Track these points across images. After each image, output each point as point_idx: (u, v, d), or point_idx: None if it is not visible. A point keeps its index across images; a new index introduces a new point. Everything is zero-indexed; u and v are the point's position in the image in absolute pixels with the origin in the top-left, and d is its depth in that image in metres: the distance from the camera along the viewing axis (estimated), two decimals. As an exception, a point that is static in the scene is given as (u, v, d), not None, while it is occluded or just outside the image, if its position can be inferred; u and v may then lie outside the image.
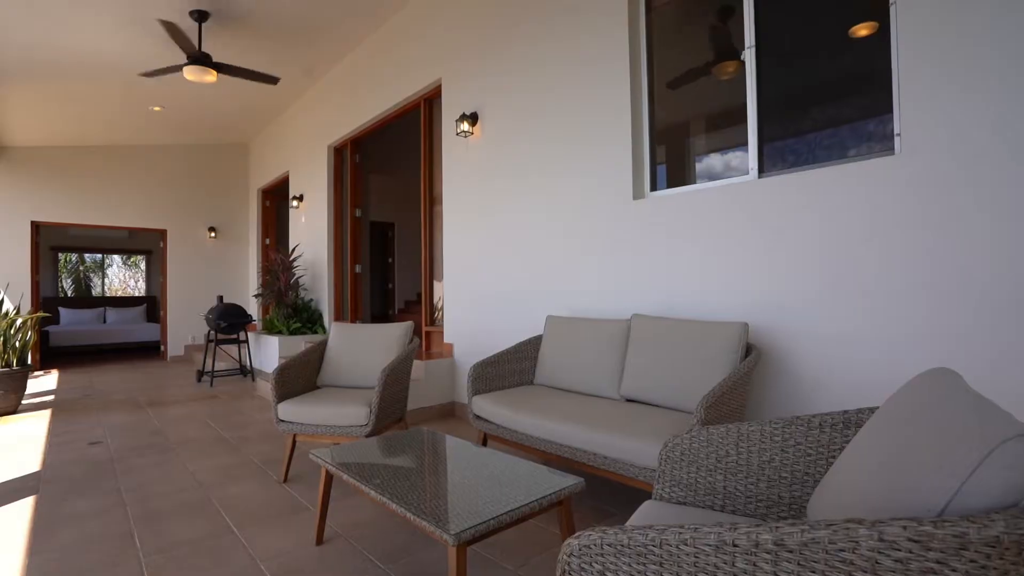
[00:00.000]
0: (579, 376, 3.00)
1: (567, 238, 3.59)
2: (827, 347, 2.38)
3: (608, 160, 3.33)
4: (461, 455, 2.10)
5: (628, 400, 2.79)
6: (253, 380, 6.34)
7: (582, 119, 3.49)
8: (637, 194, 3.22)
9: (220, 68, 4.67)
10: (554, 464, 2.98)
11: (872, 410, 1.26)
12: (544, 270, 3.75)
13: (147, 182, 8.74)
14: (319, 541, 2.23)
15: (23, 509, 2.66)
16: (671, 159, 3.32)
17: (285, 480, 2.94)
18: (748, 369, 2.23)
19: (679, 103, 3.33)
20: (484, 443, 2.96)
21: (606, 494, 2.71)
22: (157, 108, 6.95)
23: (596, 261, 3.40)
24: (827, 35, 2.61)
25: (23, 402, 5.51)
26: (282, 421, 2.91)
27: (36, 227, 7.92)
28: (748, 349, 2.44)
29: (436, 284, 5.20)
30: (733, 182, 2.82)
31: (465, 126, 4.28)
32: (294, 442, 2.94)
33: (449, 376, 4.47)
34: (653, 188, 3.25)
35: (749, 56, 2.79)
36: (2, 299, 5.41)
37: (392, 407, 3.00)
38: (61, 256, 12.01)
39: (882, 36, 2.36)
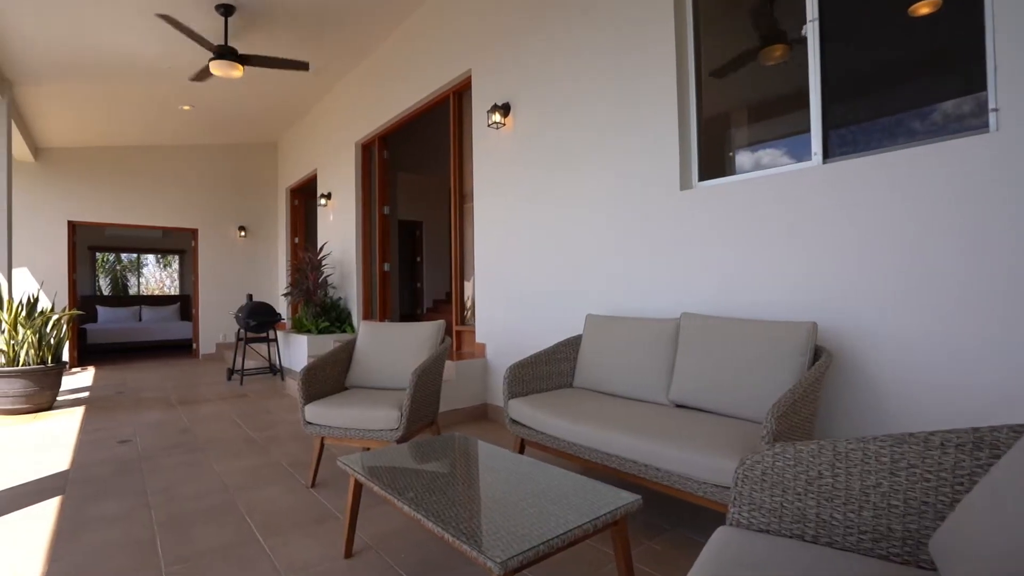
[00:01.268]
0: (623, 379, 2.80)
1: (607, 232, 3.39)
2: (910, 351, 2.12)
3: (653, 148, 3.11)
4: (501, 465, 1.93)
5: (677, 405, 2.58)
6: (282, 379, 6.30)
7: (624, 106, 3.28)
8: (684, 184, 3.00)
9: (247, 60, 4.60)
10: (597, 474, 2.79)
11: (1016, 429, 1.04)
12: (582, 266, 3.56)
13: (179, 182, 8.84)
14: (348, 554, 2.08)
15: (48, 511, 2.59)
16: (712, 150, 3.08)
17: (313, 485, 2.82)
18: (820, 374, 2.00)
19: (720, 92, 3.09)
20: (521, 449, 2.78)
21: (656, 506, 2.50)
22: (186, 107, 6.99)
23: (639, 256, 3.19)
24: (896, 6, 2.35)
25: (58, 399, 5.57)
26: (309, 423, 2.78)
27: (72, 227, 8.07)
28: (816, 352, 2.21)
29: (466, 283, 5.05)
30: (793, 169, 2.58)
31: (497, 117, 4.11)
32: (322, 445, 2.81)
33: (481, 377, 4.31)
34: (702, 178, 3.02)
35: (812, 30, 2.55)
36: (38, 297, 5.47)
37: (424, 410, 2.84)
38: (99, 256, 12.31)
39: (960, 4, 2.10)
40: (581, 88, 3.55)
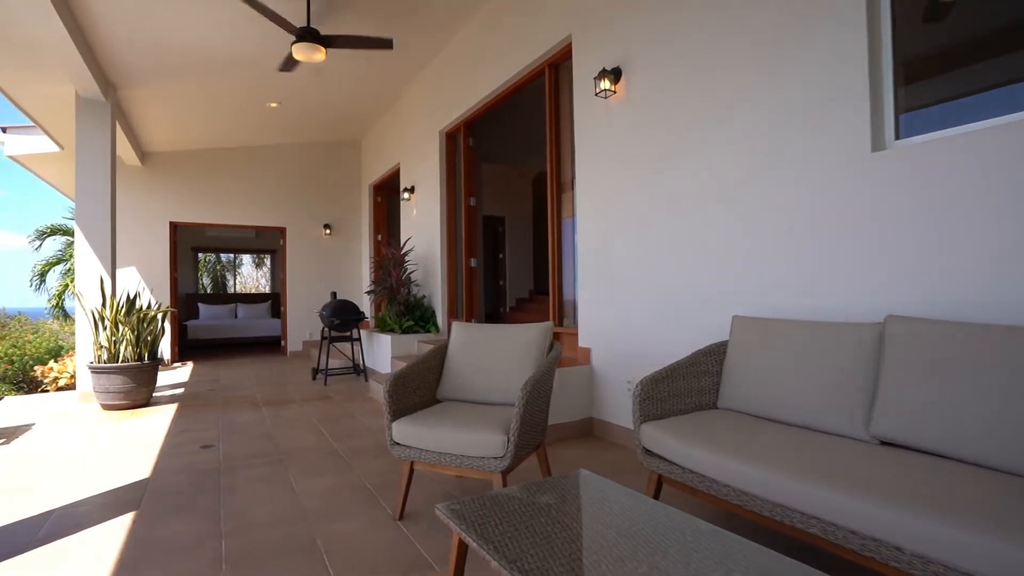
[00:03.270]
0: (795, 402, 2.11)
1: (759, 212, 2.69)
2: None
3: (827, 99, 2.38)
4: (669, 534, 1.34)
5: (883, 443, 1.87)
6: (366, 380, 6.06)
7: (783, 47, 2.56)
8: (877, 144, 2.25)
9: (330, 42, 4.29)
10: (765, 532, 2.09)
11: None
12: (721, 255, 2.88)
13: (268, 182, 8.97)
14: (449, 628, 1.58)
15: (119, 529, 2.32)
16: (908, 100, 2.30)
17: (400, 517, 2.36)
18: None
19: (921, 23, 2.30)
20: (658, 489, 2.17)
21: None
22: (274, 104, 6.95)
23: (807, 242, 2.47)
24: None
25: (156, 394, 5.63)
26: (397, 444, 2.33)
27: (174, 227, 8.37)
28: None
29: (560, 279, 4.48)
30: (1071, 108, 1.78)
31: (605, 84, 3.51)
32: (411, 470, 2.35)
33: (586, 387, 3.72)
34: (899, 135, 2.26)
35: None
36: (137, 295, 5.53)
37: (532, 431, 2.31)
38: (201, 256, 12.98)
39: None
40: (718, 31, 2.87)
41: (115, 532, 2.30)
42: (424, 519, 2.35)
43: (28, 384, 8.12)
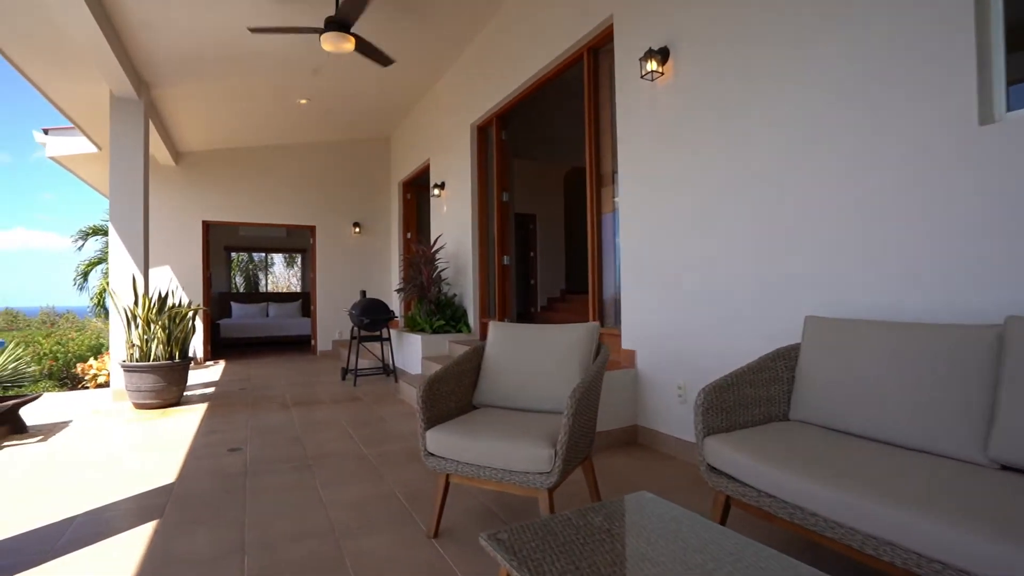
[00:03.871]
0: (886, 416, 1.82)
1: (834, 195, 2.40)
2: None
3: (924, 60, 2.08)
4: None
5: (1004, 467, 1.57)
6: (396, 381, 5.91)
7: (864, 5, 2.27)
8: (985, 117, 1.94)
9: (358, 41, 4.15)
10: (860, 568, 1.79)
11: None
12: (787, 248, 2.59)
13: (298, 181, 8.94)
14: (493, 675, 1.37)
15: (140, 540, 2.18)
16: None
17: (435, 534, 2.16)
18: None
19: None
20: (725, 511, 1.91)
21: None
22: (303, 101, 6.87)
23: (900, 228, 2.17)
24: None
25: (187, 393, 5.60)
26: (432, 455, 2.13)
27: (207, 226, 8.40)
28: None
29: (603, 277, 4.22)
30: None
31: (652, 65, 3.24)
32: (447, 484, 2.15)
33: (630, 392, 3.47)
34: (1010, 107, 1.94)
35: None
36: (168, 293, 5.51)
37: (580, 443, 2.08)
38: (234, 255, 13.14)
39: None
40: None
41: (135, 543, 2.17)
42: (461, 537, 2.15)
43: (71, 380, 8.28)
